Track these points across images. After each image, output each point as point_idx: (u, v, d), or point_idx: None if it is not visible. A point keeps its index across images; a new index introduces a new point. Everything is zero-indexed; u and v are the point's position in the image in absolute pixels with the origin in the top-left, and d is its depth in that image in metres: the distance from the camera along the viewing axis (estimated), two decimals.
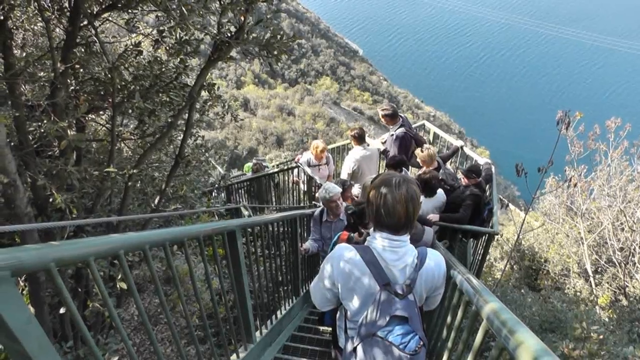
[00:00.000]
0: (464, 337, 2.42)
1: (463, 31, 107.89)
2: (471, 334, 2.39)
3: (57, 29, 3.97)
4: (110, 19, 4.22)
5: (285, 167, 10.78)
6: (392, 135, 7.81)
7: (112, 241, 1.93)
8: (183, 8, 2.64)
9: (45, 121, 3.38)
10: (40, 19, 3.99)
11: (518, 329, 1.67)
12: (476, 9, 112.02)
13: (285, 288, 5.71)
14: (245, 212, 6.16)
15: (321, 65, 70.98)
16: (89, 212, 4.09)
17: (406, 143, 7.75)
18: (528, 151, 63.33)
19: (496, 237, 6.34)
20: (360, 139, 8.01)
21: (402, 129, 7.73)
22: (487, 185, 7.12)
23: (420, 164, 7.13)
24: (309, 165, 8.62)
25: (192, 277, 2.76)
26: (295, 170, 9.82)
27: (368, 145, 8.06)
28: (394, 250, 2.17)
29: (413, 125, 9.89)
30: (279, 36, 3.51)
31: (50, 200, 3.39)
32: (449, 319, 2.85)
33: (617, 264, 9.07)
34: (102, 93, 4.06)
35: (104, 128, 4.85)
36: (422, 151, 6.91)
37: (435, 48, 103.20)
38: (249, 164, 13.31)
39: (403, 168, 6.76)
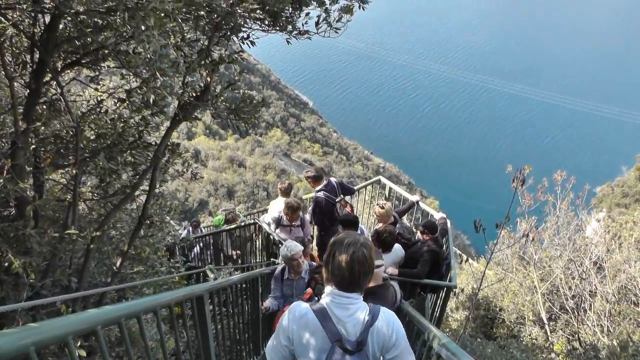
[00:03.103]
0: None
1: (406, 83, 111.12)
2: None
3: (16, 84, 3.85)
4: (74, 76, 4.14)
5: (251, 222, 10.56)
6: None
7: (89, 317, 1.86)
8: (157, 73, 2.63)
9: (1, 180, 3.23)
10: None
11: None
12: (418, 62, 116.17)
13: (246, 347, 5.56)
14: (211, 275, 5.99)
15: (272, 116, 71.33)
16: (44, 275, 3.88)
17: (321, 207, 7.67)
18: (476, 200, 65.11)
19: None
20: (285, 192, 8.58)
21: (320, 193, 7.68)
22: (444, 239, 7.26)
23: (378, 220, 7.21)
24: (280, 225, 8.19)
25: (163, 348, 2.64)
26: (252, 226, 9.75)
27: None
28: (345, 307, 2.23)
29: (369, 180, 10.09)
30: (248, 101, 3.55)
31: (6, 264, 3.20)
32: None
33: (569, 310, 9.34)
34: (62, 151, 3.93)
35: (60, 185, 4.67)
36: (382, 208, 6.99)
37: (380, 100, 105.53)
38: (220, 217, 12.93)
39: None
